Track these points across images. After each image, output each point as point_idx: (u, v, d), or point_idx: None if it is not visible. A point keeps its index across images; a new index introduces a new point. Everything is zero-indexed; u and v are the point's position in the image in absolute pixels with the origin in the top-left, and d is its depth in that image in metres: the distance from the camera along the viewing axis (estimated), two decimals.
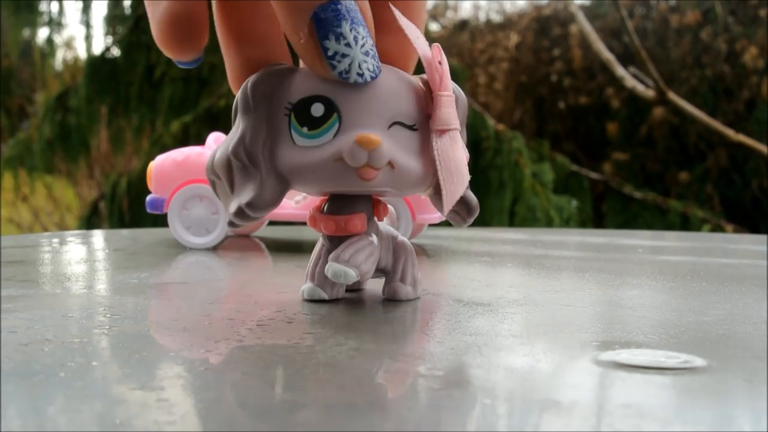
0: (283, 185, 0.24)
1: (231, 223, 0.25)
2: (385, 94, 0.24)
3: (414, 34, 0.24)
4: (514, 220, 2.12)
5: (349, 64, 0.23)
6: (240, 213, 0.24)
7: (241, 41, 0.26)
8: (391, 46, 0.25)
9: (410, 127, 0.25)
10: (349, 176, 0.24)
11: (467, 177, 0.25)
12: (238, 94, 0.25)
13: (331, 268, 0.25)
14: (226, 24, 0.26)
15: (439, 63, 0.25)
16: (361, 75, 0.23)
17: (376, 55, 0.23)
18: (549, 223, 2.06)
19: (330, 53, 0.22)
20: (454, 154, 0.24)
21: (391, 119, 0.24)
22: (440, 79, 0.24)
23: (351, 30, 0.22)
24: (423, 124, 0.25)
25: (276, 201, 0.24)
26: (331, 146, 0.23)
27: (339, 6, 0.22)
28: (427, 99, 0.25)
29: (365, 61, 0.23)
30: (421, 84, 0.26)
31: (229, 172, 0.25)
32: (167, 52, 0.25)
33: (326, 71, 0.23)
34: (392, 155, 0.24)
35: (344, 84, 0.23)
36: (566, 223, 2.12)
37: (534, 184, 2.13)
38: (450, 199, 0.24)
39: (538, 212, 2.08)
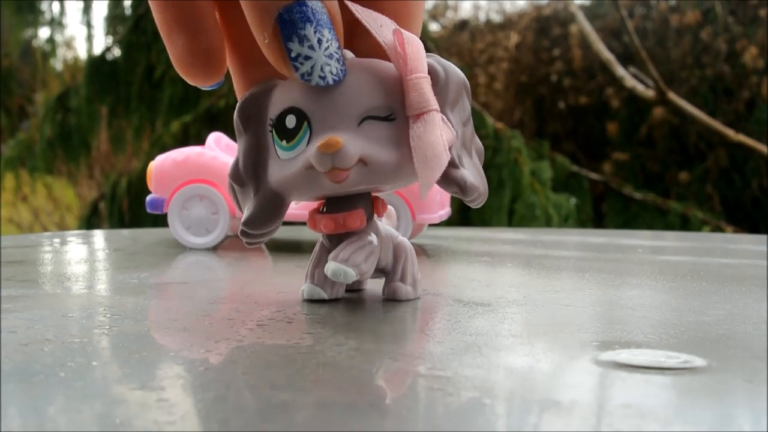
0: (277, 201, 0.25)
1: (248, 243, 0.27)
2: (351, 92, 0.24)
3: (375, 22, 0.24)
4: (513, 218, 2.12)
5: (312, 67, 0.23)
6: (242, 233, 0.26)
7: (245, 64, 0.26)
8: (373, 44, 0.25)
9: (385, 119, 0.24)
10: (323, 181, 0.24)
11: (445, 159, 0.23)
12: (234, 120, 0.26)
13: (331, 267, 0.25)
14: (231, 48, 0.26)
15: (401, 48, 0.24)
16: (323, 78, 0.23)
17: (341, 58, 0.23)
18: (548, 221, 2.06)
19: (293, 55, 0.23)
20: (429, 137, 0.23)
21: (362, 115, 0.24)
22: (404, 63, 0.24)
23: (315, 32, 0.22)
24: (402, 112, 0.24)
25: (273, 217, 0.25)
26: (302, 156, 0.24)
27: (304, 8, 0.22)
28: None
29: (328, 64, 0.23)
30: (394, 73, 0.25)
31: (234, 195, 0.27)
32: (190, 82, 0.26)
33: (289, 72, 0.23)
34: (362, 152, 0.23)
35: (313, 91, 0.23)
36: (565, 221, 2.13)
37: (533, 182, 2.13)
38: (426, 185, 0.23)
39: (537, 210, 2.08)
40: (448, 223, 0.69)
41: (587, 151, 3.02)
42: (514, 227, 1.87)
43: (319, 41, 0.22)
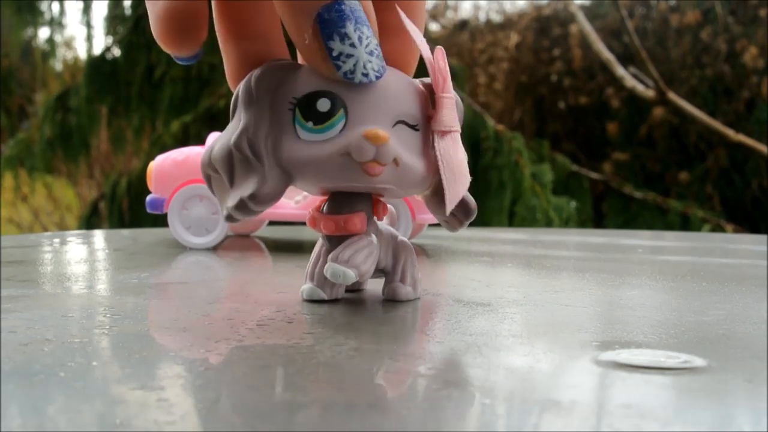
0: (285, 179, 0.24)
1: (229, 218, 0.25)
2: (390, 93, 0.24)
3: (418, 37, 0.24)
4: (513, 220, 2.12)
5: (354, 65, 0.23)
6: (242, 206, 0.24)
7: (239, 37, 0.26)
8: (393, 49, 0.25)
9: (413, 127, 0.25)
10: (354, 171, 0.24)
11: (468, 178, 0.25)
12: (240, 88, 0.25)
13: (330, 268, 0.25)
14: (225, 20, 0.26)
15: (442, 65, 0.25)
16: (366, 75, 0.23)
17: (381, 54, 0.23)
18: (548, 224, 2.06)
19: (335, 54, 0.22)
20: (456, 155, 0.25)
21: (396, 118, 0.24)
22: (443, 81, 0.25)
23: (355, 30, 0.22)
24: (424, 125, 0.25)
25: (278, 195, 0.24)
26: (338, 141, 0.23)
27: (343, 6, 0.22)
28: (427, 101, 0.25)
29: (370, 61, 0.23)
30: (422, 87, 0.26)
31: (229, 165, 0.24)
32: (166, 48, 0.25)
33: (331, 72, 0.23)
34: (398, 152, 0.24)
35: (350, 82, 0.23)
36: (565, 223, 2.13)
37: (533, 184, 2.13)
38: (452, 200, 0.24)
39: (538, 213, 2.08)
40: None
41: (587, 151, 3.02)
42: (513, 228, 1.87)
43: (360, 38, 0.22)
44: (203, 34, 0.25)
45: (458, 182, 0.25)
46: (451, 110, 0.25)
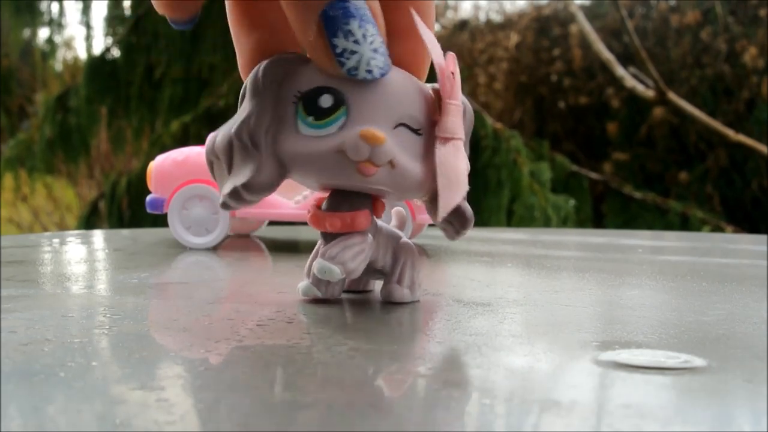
0: (281, 171, 0.24)
1: (224, 205, 0.25)
2: (394, 94, 0.24)
3: (431, 41, 0.24)
4: (511, 219, 2.12)
5: (358, 61, 0.23)
6: (235, 194, 0.24)
7: (252, 27, 0.26)
8: (405, 52, 0.25)
9: (415, 131, 0.25)
10: (348, 170, 0.24)
11: (466, 188, 0.25)
12: (249, 78, 0.25)
13: (318, 264, 0.25)
14: (238, 12, 0.26)
15: (452, 72, 0.25)
16: (369, 72, 0.23)
17: (386, 52, 0.23)
18: (546, 222, 2.06)
19: (339, 50, 0.23)
20: (456, 163, 0.24)
21: (398, 120, 0.24)
22: (451, 88, 0.25)
23: (360, 27, 0.22)
24: (428, 131, 0.25)
25: (272, 186, 0.24)
26: (335, 138, 0.23)
27: (347, 4, 0.22)
28: (435, 107, 0.25)
29: (374, 58, 0.23)
30: (431, 92, 0.26)
31: (229, 153, 0.25)
32: (162, 10, 0.25)
33: (335, 68, 0.23)
34: (394, 154, 0.24)
35: (355, 79, 0.23)
36: (564, 222, 2.13)
37: (532, 183, 2.13)
38: (445, 206, 0.24)
39: (536, 211, 2.08)
40: None
41: (587, 151, 3.02)
42: (513, 227, 1.87)
43: (364, 35, 0.22)
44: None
45: (453, 190, 0.24)
46: (456, 117, 0.25)
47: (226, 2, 0.26)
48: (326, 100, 0.24)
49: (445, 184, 0.24)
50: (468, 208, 0.26)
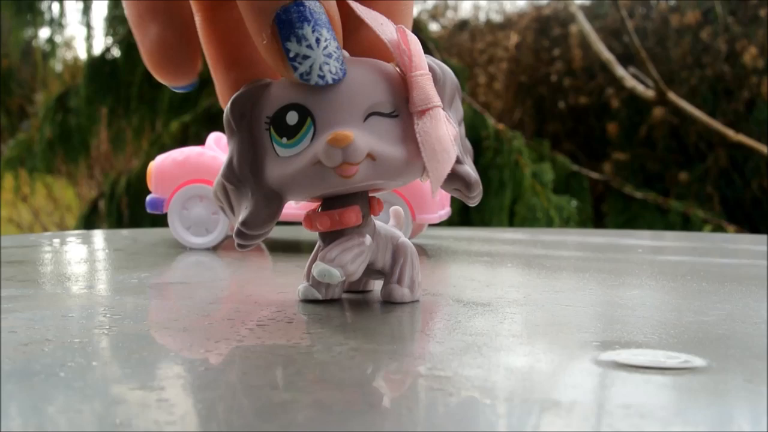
0: (275, 200, 0.25)
1: (240, 246, 0.26)
2: (356, 88, 0.24)
3: (376, 21, 0.24)
4: (514, 219, 2.12)
5: (310, 66, 0.23)
6: (239, 234, 0.25)
7: (228, 64, 0.26)
8: (368, 38, 0.25)
9: (389, 115, 0.24)
10: (331, 177, 0.23)
11: (453, 153, 0.24)
12: (223, 118, 0.25)
13: (317, 267, 0.25)
14: (213, 47, 0.26)
15: (405, 44, 0.24)
16: (322, 77, 0.23)
17: (341, 57, 0.23)
18: (549, 223, 2.06)
19: (291, 55, 0.22)
20: (436, 132, 0.24)
21: (367, 111, 0.24)
22: (409, 60, 0.24)
23: (313, 32, 0.22)
24: (404, 110, 0.24)
25: (271, 217, 0.25)
26: (308, 151, 0.23)
27: (302, 8, 0.22)
28: (404, 84, 0.25)
29: (327, 63, 0.23)
30: (398, 70, 0.25)
31: (226, 196, 0.26)
32: (160, 79, 0.25)
33: (288, 73, 0.23)
34: (370, 147, 0.23)
35: (314, 88, 0.23)
36: (566, 223, 2.12)
37: (534, 183, 2.13)
38: (437, 179, 0.24)
39: (538, 212, 2.08)
40: (448, 223, 0.69)
41: (587, 151, 3.02)
42: (513, 228, 1.87)
43: (317, 40, 0.22)
44: (197, 64, 0.25)
45: (440, 160, 0.24)
46: (425, 87, 0.24)
47: (202, 44, 0.26)
48: (292, 117, 0.24)
49: (430, 157, 0.24)
50: (467, 171, 0.25)
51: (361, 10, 0.24)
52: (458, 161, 0.25)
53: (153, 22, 0.24)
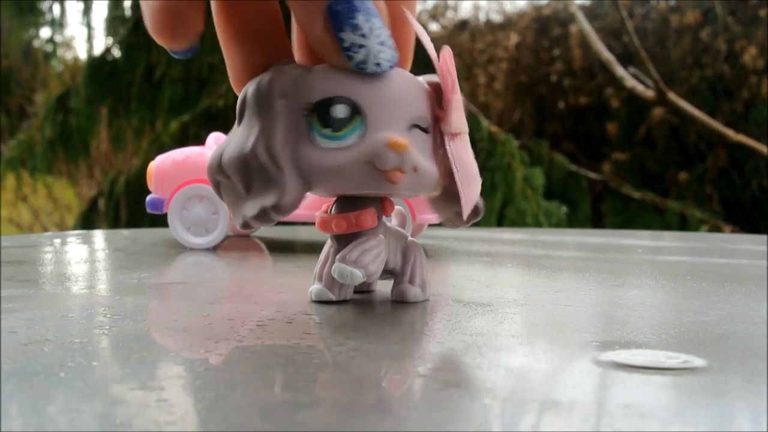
0: (305, 186, 0.24)
1: (245, 225, 0.24)
2: (404, 96, 0.24)
3: (424, 35, 0.24)
4: (503, 223, 2.12)
5: (366, 55, 0.23)
6: (263, 215, 0.23)
7: (241, 40, 0.25)
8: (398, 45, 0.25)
9: (424, 130, 0.25)
10: (377, 179, 0.23)
11: (479, 180, 0.25)
12: (249, 92, 0.24)
13: (338, 268, 0.25)
14: (226, 23, 0.25)
15: (450, 66, 0.25)
16: (378, 65, 0.23)
17: (393, 45, 0.23)
18: (538, 228, 2.07)
19: (346, 44, 0.22)
20: (469, 158, 0.25)
21: (411, 122, 0.24)
22: (452, 82, 0.24)
23: (366, 21, 0.22)
24: (432, 127, 0.25)
25: (299, 202, 0.24)
26: (359, 148, 0.23)
27: None
28: (434, 101, 0.25)
29: (382, 51, 0.23)
30: (428, 87, 0.25)
31: (244, 173, 0.23)
32: (161, 41, 0.24)
33: (343, 63, 0.23)
34: (418, 160, 0.24)
35: (364, 84, 0.23)
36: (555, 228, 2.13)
37: (525, 188, 2.13)
38: (468, 203, 0.25)
39: (528, 216, 2.09)
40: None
41: (587, 151, 3.02)
42: (514, 228, 1.87)
43: (371, 29, 0.22)
44: (199, 27, 0.24)
45: (472, 186, 0.25)
46: (460, 112, 0.25)
47: (214, 17, 0.25)
48: (341, 111, 0.23)
49: (464, 182, 0.24)
50: (480, 199, 0.27)
51: (415, 24, 0.24)
52: None
53: None
